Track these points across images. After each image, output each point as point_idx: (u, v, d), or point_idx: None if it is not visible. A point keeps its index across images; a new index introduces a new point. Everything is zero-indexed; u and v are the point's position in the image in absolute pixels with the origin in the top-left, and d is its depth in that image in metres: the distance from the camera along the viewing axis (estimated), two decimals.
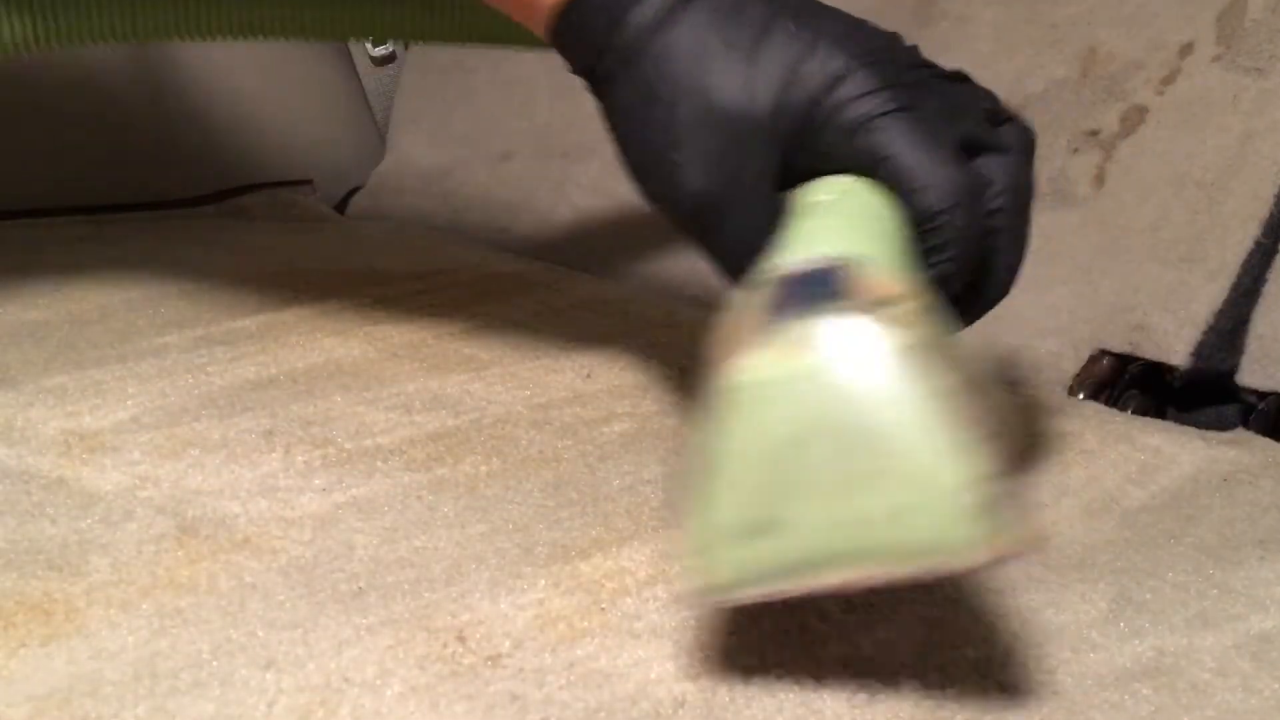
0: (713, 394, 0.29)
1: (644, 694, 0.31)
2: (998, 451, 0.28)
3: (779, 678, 0.32)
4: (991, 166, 0.38)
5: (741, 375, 0.28)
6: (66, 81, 0.86)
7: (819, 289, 0.29)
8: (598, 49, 0.39)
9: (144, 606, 0.33)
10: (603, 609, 0.35)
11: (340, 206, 1.00)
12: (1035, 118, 0.66)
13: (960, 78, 0.39)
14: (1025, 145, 0.39)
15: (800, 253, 0.31)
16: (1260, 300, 0.57)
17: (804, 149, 0.37)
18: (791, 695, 0.31)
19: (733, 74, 0.36)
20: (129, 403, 0.47)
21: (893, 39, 0.38)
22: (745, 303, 0.30)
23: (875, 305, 0.29)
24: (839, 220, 0.34)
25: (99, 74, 0.88)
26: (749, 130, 0.37)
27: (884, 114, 0.36)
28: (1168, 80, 0.63)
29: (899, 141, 0.35)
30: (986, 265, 0.38)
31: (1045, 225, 0.43)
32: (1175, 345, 0.57)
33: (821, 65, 0.36)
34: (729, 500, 0.28)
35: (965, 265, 0.36)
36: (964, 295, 0.37)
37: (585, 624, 0.34)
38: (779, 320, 0.29)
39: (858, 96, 0.36)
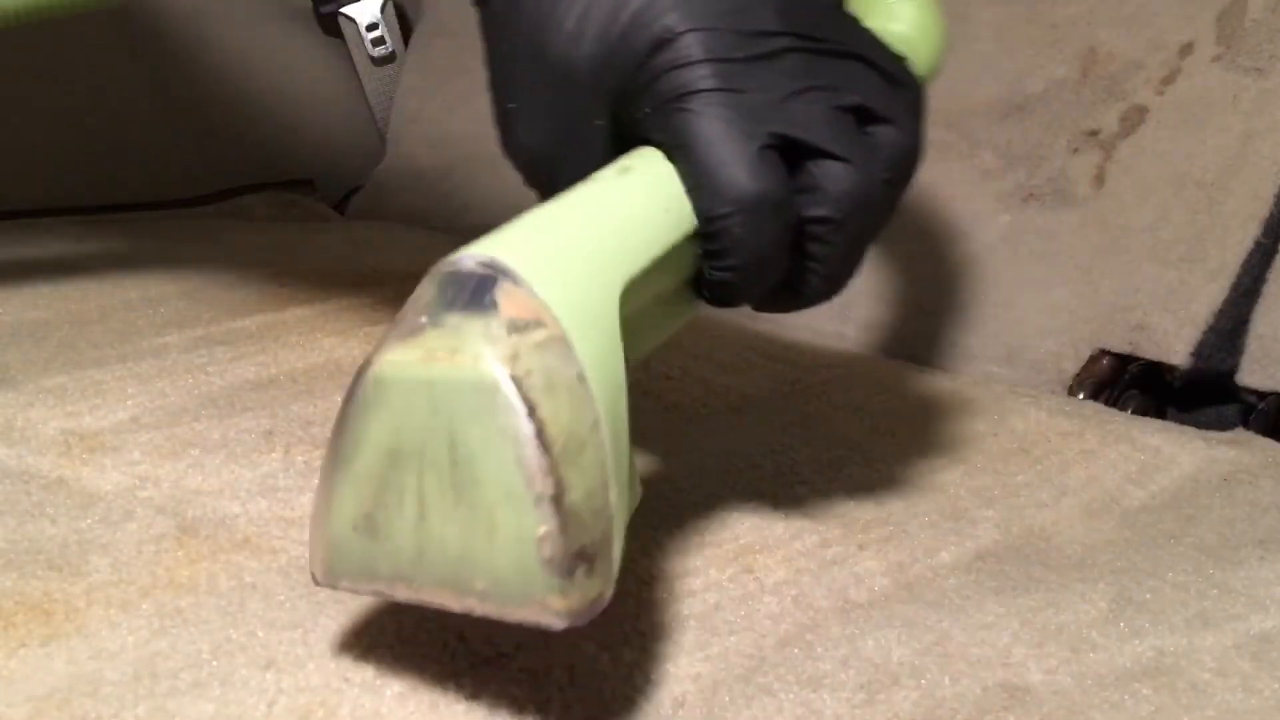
0: (357, 376, 0.28)
1: (644, 695, 0.31)
2: (602, 503, 0.27)
3: (779, 678, 0.32)
4: (825, 172, 0.33)
5: (381, 368, 0.27)
6: (66, 81, 0.86)
7: (477, 295, 0.27)
8: None
9: (144, 606, 0.33)
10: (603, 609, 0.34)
11: (340, 206, 1.00)
12: (1035, 117, 0.66)
13: (862, 55, 0.34)
14: (894, 155, 0.34)
15: (493, 246, 0.29)
16: (1260, 300, 0.57)
17: (627, 113, 0.33)
18: (791, 695, 0.31)
19: (568, 20, 0.33)
20: (129, 403, 0.47)
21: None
22: (420, 290, 0.28)
23: (515, 328, 0.27)
24: (586, 209, 0.31)
25: (99, 73, 0.88)
26: (576, 86, 0.33)
27: (694, 92, 0.32)
28: (1168, 80, 0.63)
29: (700, 127, 0.32)
30: (802, 270, 0.35)
31: (1045, 225, 0.43)
32: (1175, 345, 0.57)
33: (651, 22, 0.32)
34: (346, 490, 0.28)
35: (749, 275, 0.33)
36: (778, 292, 0.35)
37: (585, 625, 0.34)
38: (432, 318, 0.27)
39: (676, 67, 0.32)
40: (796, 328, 0.62)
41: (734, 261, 0.33)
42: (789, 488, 0.43)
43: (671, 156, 0.32)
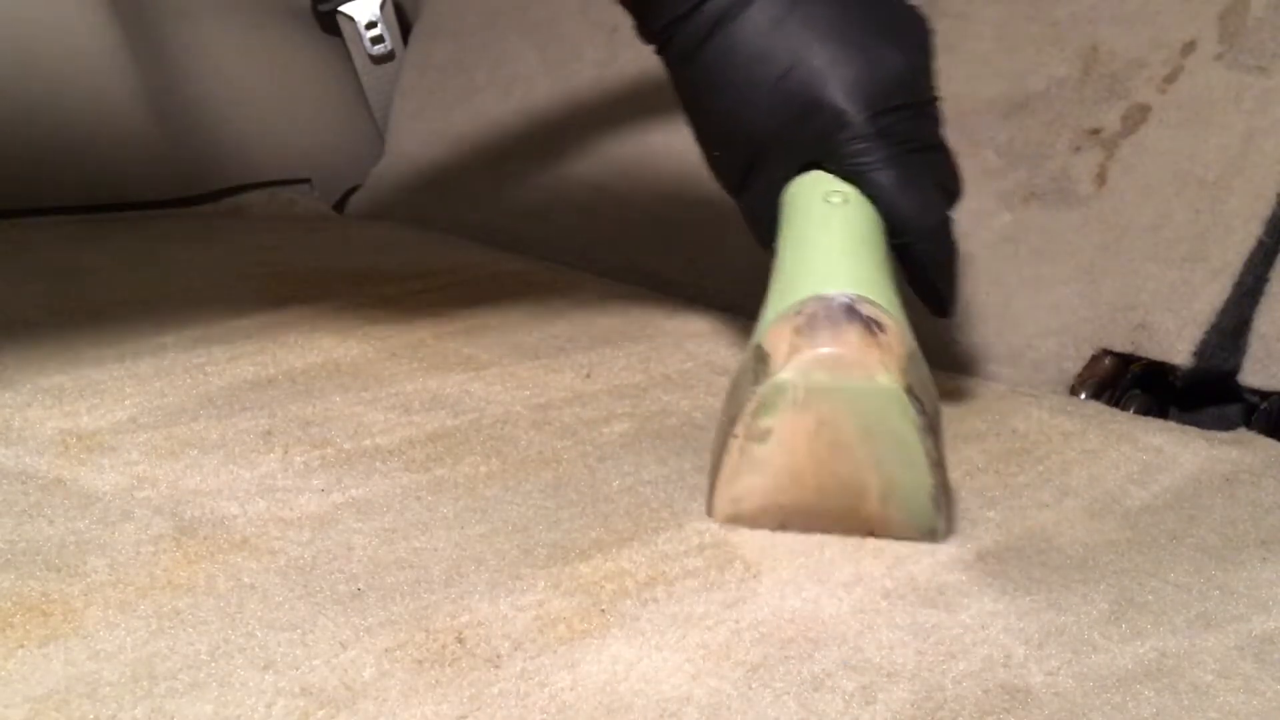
0: (768, 381, 0.38)
1: (643, 695, 0.31)
2: (942, 453, 0.39)
3: (779, 678, 0.32)
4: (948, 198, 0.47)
5: (796, 377, 0.38)
6: (64, 80, 0.86)
7: (868, 325, 0.38)
8: (667, 33, 0.47)
9: (142, 607, 0.33)
10: (602, 610, 0.34)
11: (339, 206, 1.00)
12: (1037, 116, 0.66)
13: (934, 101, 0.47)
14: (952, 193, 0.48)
15: (853, 284, 0.40)
16: (1263, 299, 0.56)
17: (815, 161, 0.45)
18: (792, 695, 0.31)
19: (760, 99, 0.45)
20: (127, 402, 0.47)
21: (903, 70, 0.45)
22: (804, 315, 0.39)
23: (899, 347, 0.38)
24: (855, 236, 0.43)
25: (97, 73, 0.87)
26: (768, 147, 0.45)
27: (877, 159, 0.44)
28: (1170, 79, 0.63)
29: (886, 183, 0.44)
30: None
31: (1047, 224, 0.43)
32: (1177, 345, 0.57)
33: (829, 110, 0.44)
34: (765, 463, 0.39)
35: (942, 273, 0.48)
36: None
37: (585, 625, 0.34)
38: (835, 338, 0.38)
39: (858, 142, 0.44)
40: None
41: (930, 271, 0.47)
42: None
43: (869, 199, 0.45)
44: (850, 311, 0.38)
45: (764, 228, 0.47)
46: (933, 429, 0.38)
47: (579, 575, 0.36)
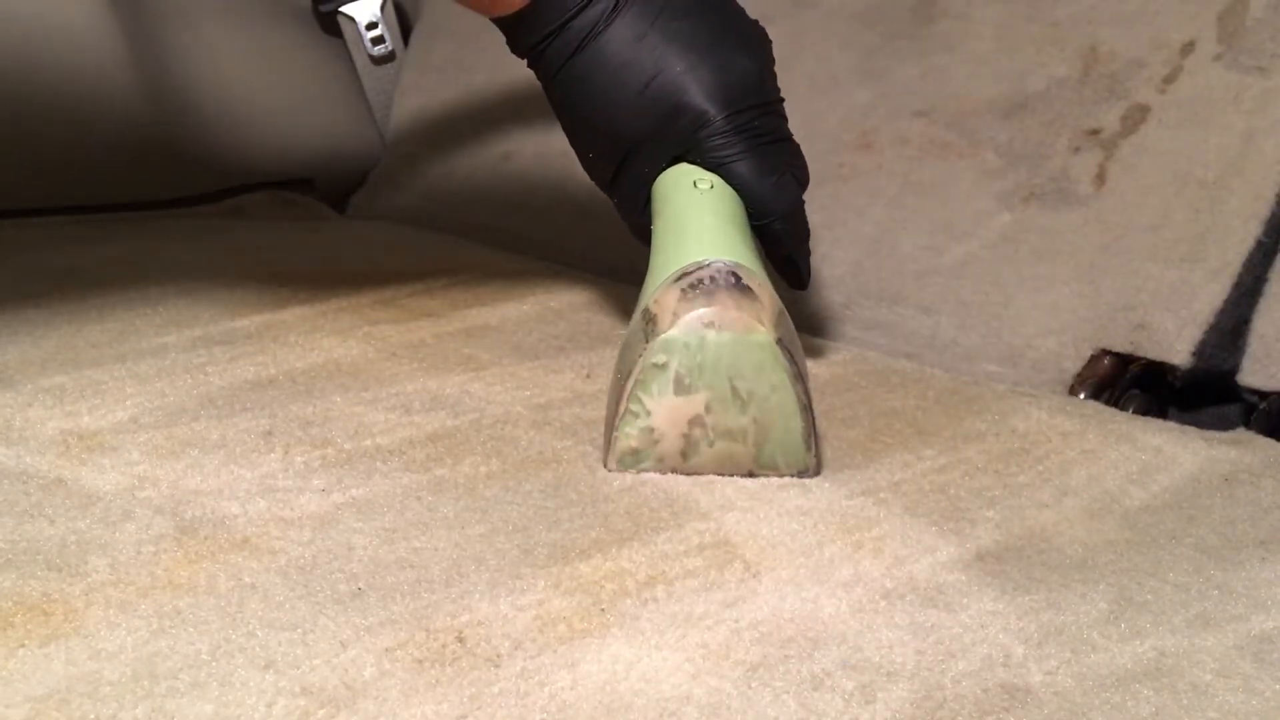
0: (656, 338, 0.42)
1: (643, 694, 0.31)
2: (810, 398, 0.43)
3: (779, 677, 0.32)
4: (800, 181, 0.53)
5: (676, 333, 0.42)
6: (65, 81, 0.86)
7: (740, 286, 0.43)
8: (538, 49, 0.51)
9: (143, 607, 0.33)
10: (602, 610, 0.34)
11: (339, 206, 1.00)
12: (1037, 116, 0.66)
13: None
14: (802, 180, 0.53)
15: (725, 252, 0.45)
16: (1262, 299, 0.57)
17: (680, 155, 0.51)
18: (791, 695, 0.31)
19: (629, 103, 0.50)
20: (128, 403, 0.47)
21: (752, 74, 0.50)
22: (686, 279, 0.44)
23: (770, 306, 0.43)
24: (723, 215, 0.48)
25: (98, 73, 0.88)
26: (638, 146, 0.51)
27: (735, 153, 0.50)
28: (1169, 79, 0.63)
29: (744, 173, 0.50)
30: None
31: (1047, 224, 0.43)
32: (1176, 345, 0.57)
33: (693, 110, 0.50)
34: (643, 409, 0.43)
35: (797, 247, 0.54)
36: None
37: (585, 625, 0.34)
38: (709, 298, 0.42)
39: (718, 138, 0.50)
40: (795, 328, 0.62)
41: (788, 247, 0.53)
42: (788, 488, 0.43)
43: (731, 187, 0.50)
44: (726, 276, 0.43)
45: (636, 217, 0.52)
46: (801, 378, 0.42)
47: (579, 575, 0.36)
